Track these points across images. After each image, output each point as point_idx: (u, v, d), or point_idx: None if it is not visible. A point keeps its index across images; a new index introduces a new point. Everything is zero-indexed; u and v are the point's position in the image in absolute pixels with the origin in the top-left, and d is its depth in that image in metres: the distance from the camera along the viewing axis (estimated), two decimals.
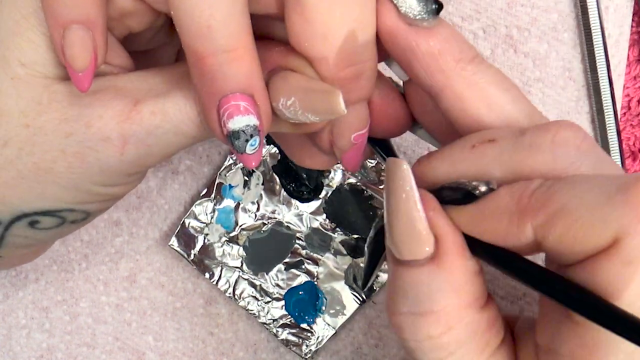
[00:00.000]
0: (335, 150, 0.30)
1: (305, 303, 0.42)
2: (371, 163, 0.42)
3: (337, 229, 0.42)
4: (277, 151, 0.42)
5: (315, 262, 0.42)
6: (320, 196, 0.42)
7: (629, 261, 0.23)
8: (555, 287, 0.25)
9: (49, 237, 0.33)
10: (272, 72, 0.28)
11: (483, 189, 0.28)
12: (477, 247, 0.27)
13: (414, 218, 0.27)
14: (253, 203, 0.42)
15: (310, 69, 0.28)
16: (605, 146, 0.42)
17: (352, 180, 0.42)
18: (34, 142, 0.29)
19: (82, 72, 0.27)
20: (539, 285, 0.25)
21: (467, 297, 0.27)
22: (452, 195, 0.28)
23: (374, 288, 0.42)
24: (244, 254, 0.42)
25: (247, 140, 0.27)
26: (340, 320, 0.42)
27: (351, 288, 0.42)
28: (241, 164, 0.42)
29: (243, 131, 0.27)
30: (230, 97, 0.27)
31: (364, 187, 0.42)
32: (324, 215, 0.42)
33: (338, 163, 0.40)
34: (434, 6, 0.28)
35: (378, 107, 0.30)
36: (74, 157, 0.29)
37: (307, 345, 0.42)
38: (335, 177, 0.42)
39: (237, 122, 0.27)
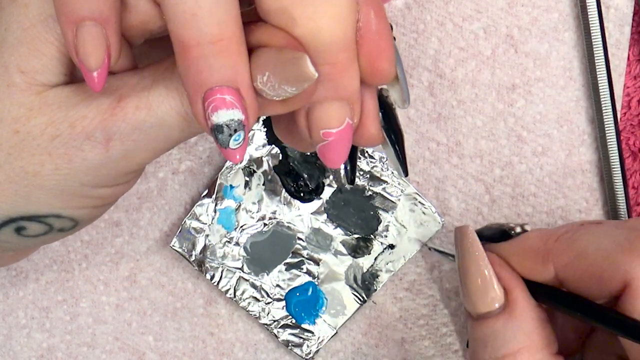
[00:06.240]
0: (312, 141, 0.29)
1: (305, 303, 0.42)
2: (372, 163, 0.42)
3: (338, 229, 0.42)
4: (278, 151, 0.42)
5: (316, 263, 0.42)
6: (321, 196, 0.42)
7: None
8: (609, 319, 0.30)
9: (36, 244, 0.33)
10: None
11: (518, 230, 0.34)
12: (539, 292, 0.32)
13: (485, 276, 0.32)
14: (254, 203, 0.42)
15: (280, 35, 0.27)
16: (605, 146, 0.42)
17: None
18: (22, 147, 0.29)
19: (96, 71, 0.27)
20: (598, 319, 0.30)
21: (539, 340, 0.31)
22: (491, 234, 0.34)
23: (375, 288, 0.42)
24: (245, 255, 0.42)
25: (230, 135, 0.27)
26: (341, 320, 0.42)
27: (352, 288, 0.43)
28: (242, 165, 0.42)
29: (227, 125, 0.27)
30: (216, 90, 0.26)
31: (364, 188, 0.42)
32: (325, 216, 0.42)
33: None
34: None
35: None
36: (60, 159, 0.29)
37: (307, 346, 0.42)
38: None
39: (221, 116, 0.26)
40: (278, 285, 0.42)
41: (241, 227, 0.42)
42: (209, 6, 0.25)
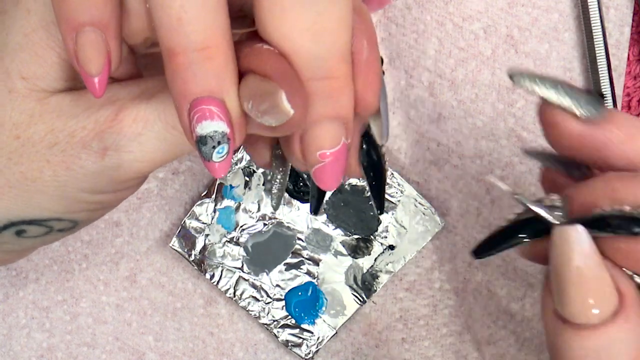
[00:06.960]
0: (307, 164, 0.28)
1: (305, 303, 0.42)
2: None
3: (338, 229, 0.42)
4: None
5: (316, 263, 0.42)
6: None
7: None
8: None
9: (36, 245, 0.33)
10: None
11: None
12: None
13: (601, 281, 0.25)
14: (254, 203, 0.42)
15: (267, 62, 0.26)
16: None
17: (353, 180, 0.42)
18: (21, 153, 0.29)
19: (96, 76, 0.27)
20: None
21: None
22: (620, 225, 0.26)
23: (375, 289, 0.42)
24: (245, 255, 0.42)
25: (214, 147, 0.26)
26: (341, 320, 0.43)
27: (352, 289, 0.43)
28: (242, 165, 0.42)
29: (211, 137, 0.26)
30: (201, 100, 0.26)
31: (364, 188, 0.42)
32: (325, 216, 0.42)
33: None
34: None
35: None
36: (58, 166, 0.29)
37: (307, 346, 0.42)
38: None
39: (205, 127, 0.26)
40: (278, 285, 0.42)
41: (241, 227, 0.42)
42: (195, 11, 0.25)
